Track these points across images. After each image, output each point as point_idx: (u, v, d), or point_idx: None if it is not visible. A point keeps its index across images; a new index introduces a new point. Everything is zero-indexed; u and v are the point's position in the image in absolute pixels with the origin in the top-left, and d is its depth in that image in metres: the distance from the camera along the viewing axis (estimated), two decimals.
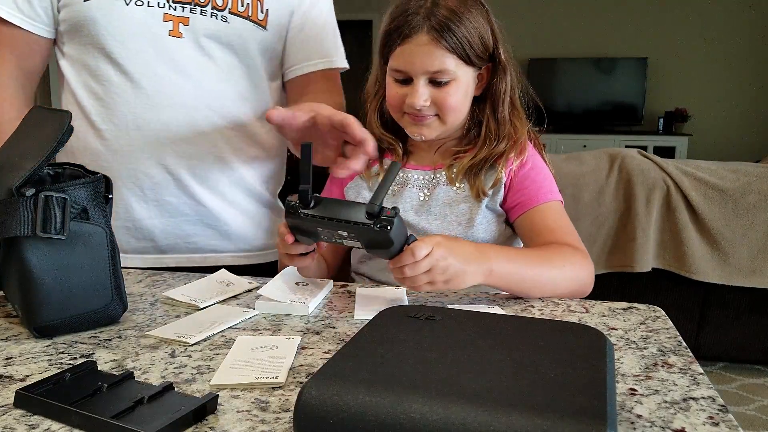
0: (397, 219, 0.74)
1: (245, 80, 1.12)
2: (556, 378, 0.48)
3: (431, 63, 0.95)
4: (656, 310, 0.84)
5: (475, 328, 0.58)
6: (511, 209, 1.03)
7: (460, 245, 0.82)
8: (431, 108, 0.98)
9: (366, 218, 0.74)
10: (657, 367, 0.65)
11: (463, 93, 0.99)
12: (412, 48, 0.95)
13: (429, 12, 0.94)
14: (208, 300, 0.85)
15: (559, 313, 0.82)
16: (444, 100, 0.97)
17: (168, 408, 0.53)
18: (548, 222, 0.99)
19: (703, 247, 2.39)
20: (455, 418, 0.43)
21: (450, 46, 0.94)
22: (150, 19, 1.04)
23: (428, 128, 1.01)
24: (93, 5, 1.02)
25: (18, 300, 0.73)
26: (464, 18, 0.95)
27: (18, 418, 0.54)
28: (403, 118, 1.02)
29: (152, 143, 1.06)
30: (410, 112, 0.99)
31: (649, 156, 2.50)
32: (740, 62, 5.88)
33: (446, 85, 0.97)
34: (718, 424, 0.53)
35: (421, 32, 0.94)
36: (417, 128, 1.01)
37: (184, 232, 1.12)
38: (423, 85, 0.97)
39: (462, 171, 1.03)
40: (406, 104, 0.98)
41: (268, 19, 1.10)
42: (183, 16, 1.05)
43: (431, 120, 1.00)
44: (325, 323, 0.78)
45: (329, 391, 0.46)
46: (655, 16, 5.96)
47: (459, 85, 0.98)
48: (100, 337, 0.73)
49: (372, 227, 0.73)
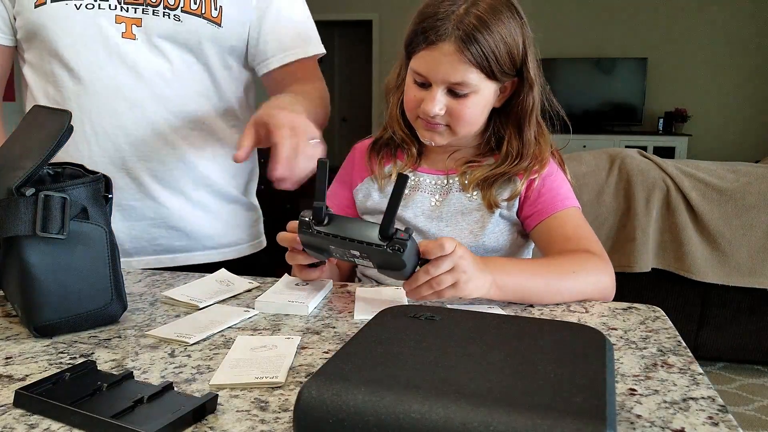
0: (411, 242, 0.73)
1: (203, 78, 1.10)
2: (555, 378, 0.48)
3: (453, 74, 0.92)
4: (656, 310, 0.84)
5: (474, 328, 0.58)
6: (528, 218, 1.01)
7: (471, 255, 0.80)
8: (444, 117, 0.97)
9: (379, 239, 0.73)
10: (657, 367, 0.65)
11: (482, 107, 0.97)
12: (436, 55, 0.92)
13: (459, 20, 0.90)
14: (208, 300, 0.85)
15: (559, 313, 0.82)
16: (459, 111, 0.95)
17: (168, 408, 0.53)
18: (566, 230, 0.97)
19: (703, 247, 2.39)
20: (455, 417, 0.43)
21: (475, 60, 0.91)
22: (101, 23, 1.03)
23: (439, 135, 0.99)
24: (44, 12, 1.02)
25: (18, 300, 0.73)
26: (494, 30, 0.91)
27: (18, 417, 0.54)
28: (417, 120, 1.01)
29: (111, 148, 1.06)
30: (423, 117, 0.98)
31: (648, 156, 2.50)
32: (740, 62, 5.88)
33: (464, 97, 0.94)
34: (717, 425, 0.53)
35: (448, 41, 0.90)
36: (428, 133, 1.00)
37: (150, 236, 1.12)
38: (441, 94, 0.94)
39: (474, 181, 1.01)
40: (421, 109, 0.97)
41: (223, 16, 1.08)
42: (135, 17, 1.04)
43: (443, 129, 0.98)
44: (324, 323, 0.78)
45: (329, 391, 0.46)
46: (654, 16, 5.96)
47: (478, 98, 0.95)
48: (100, 337, 0.73)
49: (385, 249, 0.73)
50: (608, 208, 2.43)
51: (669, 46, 5.96)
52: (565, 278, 0.86)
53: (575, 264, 0.88)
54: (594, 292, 0.87)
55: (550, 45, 6.02)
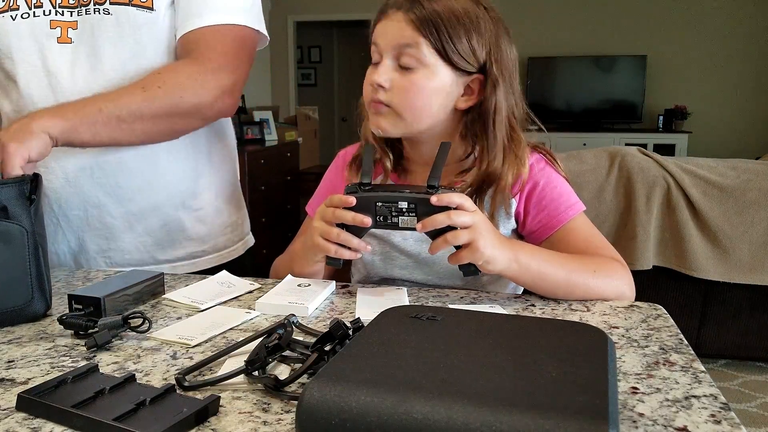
0: (455, 189, 0.83)
1: (145, 70, 1.03)
2: (557, 377, 0.48)
3: (401, 34, 0.89)
4: (657, 308, 0.84)
5: (476, 328, 0.58)
6: (534, 233, 0.97)
7: (491, 226, 0.83)
8: (388, 96, 0.91)
9: (427, 190, 0.81)
10: (658, 366, 0.65)
11: (432, 91, 0.91)
12: (387, 23, 0.92)
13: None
14: (209, 301, 0.85)
15: (561, 312, 0.82)
16: (405, 88, 0.90)
17: (170, 410, 0.53)
18: (578, 241, 0.94)
19: (704, 244, 2.39)
20: (457, 418, 0.43)
21: (426, 29, 0.88)
22: (37, 30, 1.02)
23: (384, 119, 0.93)
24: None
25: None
26: (451, 9, 0.89)
27: (20, 421, 0.54)
28: (369, 108, 0.96)
29: (60, 158, 1.03)
30: (371, 99, 0.93)
31: (649, 154, 2.50)
32: (740, 59, 5.87)
33: (412, 72, 0.90)
34: (720, 422, 0.53)
35: (399, 9, 0.90)
36: (375, 119, 0.95)
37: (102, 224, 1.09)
38: (389, 63, 0.91)
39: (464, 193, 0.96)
40: (366, 80, 0.94)
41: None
42: (71, 20, 1.02)
43: (386, 111, 0.92)
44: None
45: (331, 392, 0.46)
46: (653, 13, 5.95)
47: (428, 78, 0.90)
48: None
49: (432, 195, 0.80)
50: (609, 206, 2.42)
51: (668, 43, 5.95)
52: (586, 276, 0.86)
53: (597, 265, 0.88)
54: (611, 296, 0.87)
55: (549, 43, 6.02)
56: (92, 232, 1.09)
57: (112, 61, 1.03)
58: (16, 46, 1.03)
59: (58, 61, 1.02)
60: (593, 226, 0.98)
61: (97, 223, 1.09)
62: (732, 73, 5.90)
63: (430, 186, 0.81)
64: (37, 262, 0.78)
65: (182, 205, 1.13)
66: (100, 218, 1.08)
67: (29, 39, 1.02)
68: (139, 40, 1.03)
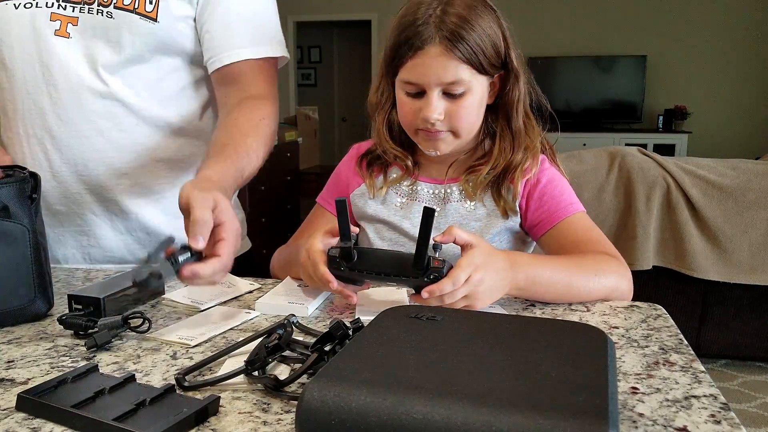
0: (446, 268, 0.76)
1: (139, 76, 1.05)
2: (557, 377, 0.48)
3: (445, 74, 0.91)
4: (657, 308, 0.84)
5: (476, 328, 0.58)
6: (534, 227, 1.00)
7: (494, 261, 0.80)
8: (444, 123, 0.95)
9: (415, 271, 0.76)
10: (658, 366, 0.65)
11: (478, 104, 0.96)
12: (425, 60, 0.91)
13: (439, 21, 0.90)
14: (209, 302, 0.85)
15: (560, 312, 0.82)
16: (458, 113, 0.94)
17: (170, 410, 0.53)
18: (577, 236, 0.96)
19: (704, 244, 2.39)
20: (457, 418, 0.43)
21: (464, 56, 0.90)
22: (37, 21, 1.02)
23: (443, 143, 0.97)
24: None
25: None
26: (475, 25, 0.91)
27: (20, 421, 0.54)
28: (417, 134, 0.98)
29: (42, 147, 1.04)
30: (424, 127, 0.96)
31: (648, 154, 2.50)
32: (740, 59, 5.87)
33: (460, 98, 0.93)
34: (720, 422, 0.53)
35: (433, 43, 0.90)
36: (431, 143, 0.98)
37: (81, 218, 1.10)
38: (437, 98, 0.93)
39: (480, 186, 1.00)
40: (420, 119, 0.95)
41: (159, 10, 1.03)
42: (72, 15, 1.02)
43: (445, 135, 0.96)
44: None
45: (331, 392, 0.46)
46: (653, 13, 5.95)
47: (473, 96, 0.94)
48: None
49: (422, 279, 0.76)
50: (609, 207, 2.43)
51: (668, 43, 5.95)
52: (587, 280, 0.86)
53: (597, 265, 0.89)
54: (612, 296, 0.88)
55: (550, 43, 6.02)
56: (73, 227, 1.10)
57: (107, 63, 1.03)
58: (15, 33, 1.03)
59: (52, 54, 1.03)
60: (594, 224, 1.00)
61: (78, 219, 1.09)
62: (732, 73, 5.90)
63: (417, 266, 0.76)
64: (38, 261, 0.77)
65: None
66: (81, 214, 1.09)
67: (28, 28, 1.03)
68: (136, 48, 1.04)
